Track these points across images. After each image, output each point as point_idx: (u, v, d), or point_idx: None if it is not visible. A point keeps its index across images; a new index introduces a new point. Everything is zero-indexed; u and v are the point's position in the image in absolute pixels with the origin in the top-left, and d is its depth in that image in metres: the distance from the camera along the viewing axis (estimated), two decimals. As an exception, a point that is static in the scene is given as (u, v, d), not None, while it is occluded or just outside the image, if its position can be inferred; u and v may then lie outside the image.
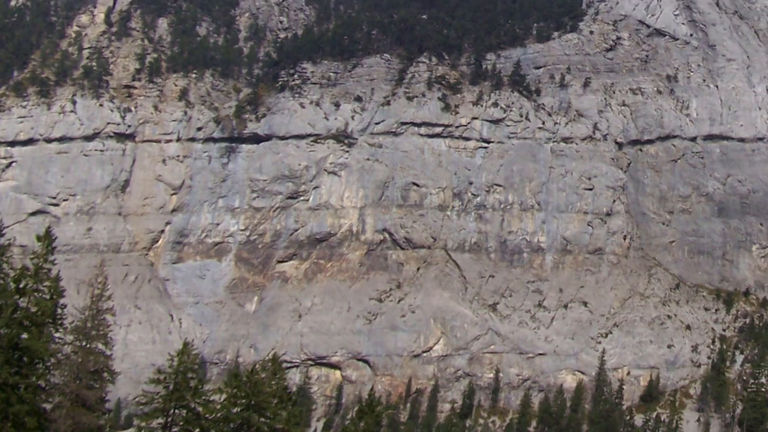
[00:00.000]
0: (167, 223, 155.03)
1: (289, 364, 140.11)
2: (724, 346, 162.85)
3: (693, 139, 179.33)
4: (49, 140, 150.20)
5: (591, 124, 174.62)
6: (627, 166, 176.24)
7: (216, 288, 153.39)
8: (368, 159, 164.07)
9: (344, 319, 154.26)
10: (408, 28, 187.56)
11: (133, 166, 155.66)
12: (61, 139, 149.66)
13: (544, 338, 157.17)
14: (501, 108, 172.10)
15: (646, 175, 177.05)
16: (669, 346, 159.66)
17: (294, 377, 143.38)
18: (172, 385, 58.96)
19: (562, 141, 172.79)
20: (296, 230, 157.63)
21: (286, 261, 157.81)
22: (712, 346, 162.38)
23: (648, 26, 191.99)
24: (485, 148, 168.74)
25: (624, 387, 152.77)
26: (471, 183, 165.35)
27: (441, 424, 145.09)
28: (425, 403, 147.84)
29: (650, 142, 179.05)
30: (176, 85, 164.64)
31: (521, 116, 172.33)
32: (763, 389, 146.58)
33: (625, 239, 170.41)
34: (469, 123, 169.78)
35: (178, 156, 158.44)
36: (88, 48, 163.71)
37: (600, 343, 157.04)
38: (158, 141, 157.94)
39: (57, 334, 53.50)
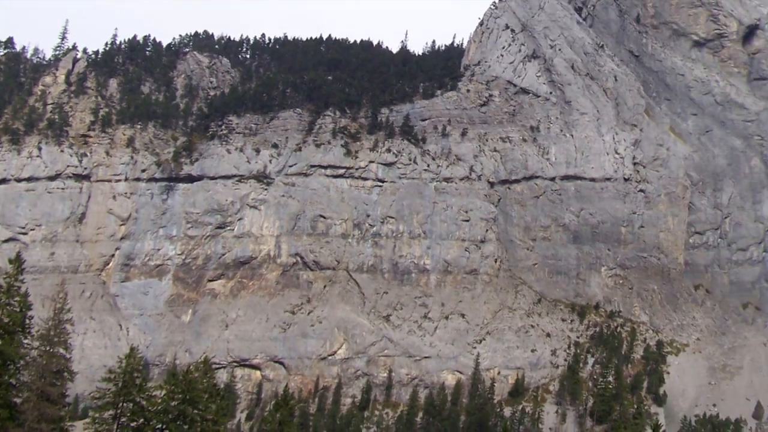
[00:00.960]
0: (117, 249, 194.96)
1: (217, 366, 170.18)
2: (578, 351, 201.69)
3: (552, 179, 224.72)
4: (18, 180, 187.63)
5: (468, 167, 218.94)
6: (497, 201, 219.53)
7: (157, 302, 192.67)
8: (283, 195, 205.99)
9: (263, 328, 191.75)
10: (316, 87, 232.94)
11: (89, 202, 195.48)
12: (29, 179, 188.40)
13: (429, 344, 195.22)
14: (393, 153, 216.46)
15: (513, 209, 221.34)
16: (532, 351, 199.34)
17: (222, 376, 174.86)
18: (120, 382, 76.01)
19: (443, 180, 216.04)
20: (223, 254, 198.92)
21: (215, 280, 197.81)
22: (568, 351, 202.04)
23: (515, 86, 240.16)
24: (380, 186, 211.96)
25: (495, 384, 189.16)
26: (368, 215, 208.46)
27: (343, 415, 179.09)
28: (330, 398, 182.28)
29: (517, 181, 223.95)
30: (124, 135, 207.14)
31: (410, 160, 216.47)
32: (610, 386, 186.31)
33: (495, 262, 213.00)
34: (366, 165, 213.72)
35: (125, 193, 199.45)
36: (51, 104, 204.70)
37: (475, 348, 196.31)
38: (109, 181, 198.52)
39: (26, 341, 67.11)
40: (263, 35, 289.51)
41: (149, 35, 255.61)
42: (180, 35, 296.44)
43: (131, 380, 78.20)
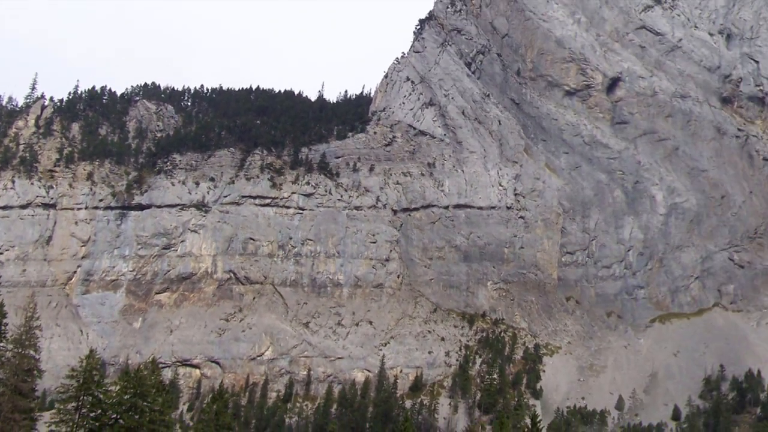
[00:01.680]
0: (78, 266, 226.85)
1: (163, 365, 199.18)
2: (468, 352, 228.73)
3: (446, 208, 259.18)
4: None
5: (374, 197, 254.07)
6: (400, 226, 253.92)
7: (112, 312, 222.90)
8: (219, 221, 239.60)
9: (202, 333, 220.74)
10: (246, 130, 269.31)
11: (55, 227, 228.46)
12: (4, 207, 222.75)
13: (342, 347, 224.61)
14: (312, 186, 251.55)
15: (413, 232, 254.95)
16: (429, 352, 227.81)
17: (167, 374, 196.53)
18: (81, 379, 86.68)
19: (354, 209, 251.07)
20: (168, 271, 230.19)
21: (161, 292, 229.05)
22: (459, 352, 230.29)
23: (414, 128, 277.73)
24: (300, 213, 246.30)
25: (398, 381, 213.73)
26: (291, 238, 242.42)
27: (269, 406, 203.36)
28: (259, 392, 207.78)
29: (416, 209, 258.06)
30: (85, 170, 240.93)
31: (326, 191, 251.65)
32: (495, 382, 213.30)
33: (398, 277, 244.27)
34: (289, 196, 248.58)
35: (86, 219, 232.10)
36: (23, 144, 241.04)
37: (381, 350, 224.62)
38: (72, 209, 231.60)
39: (1, 344, 79.89)
40: (202, 86, 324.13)
41: (106, 86, 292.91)
42: (132, 86, 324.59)
43: (90, 377, 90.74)
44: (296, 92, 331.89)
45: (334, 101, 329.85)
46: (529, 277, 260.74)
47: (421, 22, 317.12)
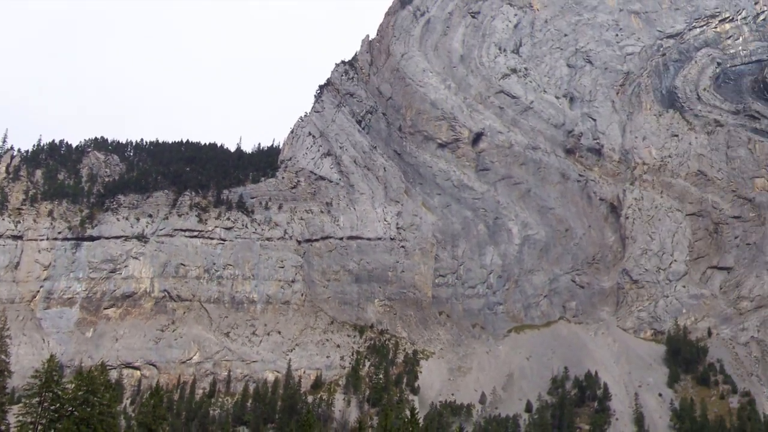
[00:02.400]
0: (41, 287, 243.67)
1: (110, 367, 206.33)
2: (359, 357, 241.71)
3: (341, 239, 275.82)
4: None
5: (282, 230, 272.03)
6: (303, 254, 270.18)
7: (69, 324, 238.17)
8: (155, 250, 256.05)
9: (142, 341, 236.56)
10: (178, 176, 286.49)
11: (22, 254, 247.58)
12: None
13: (256, 352, 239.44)
14: (231, 221, 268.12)
15: (314, 259, 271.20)
16: (327, 357, 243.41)
17: (113, 375, 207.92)
18: (43, 379, 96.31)
19: (266, 240, 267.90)
20: (114, 290, 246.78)
21: (109, 308, 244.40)
22: (351, 357, 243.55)
23: (315, 174, 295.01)
24: (222, 243, 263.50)
25: (302, 380, 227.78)
26: (214, 263, 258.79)
27: (197, 401, 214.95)
28: (188, 389, 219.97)
29: (316, 240, 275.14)
30: (46, 208, 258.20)
31: (243, 225, 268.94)
32: (381, 381, 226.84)
33: (302, 296, 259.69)
34: (213, 229, 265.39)
35: (47, 248, 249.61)
36: None
37: (288, 355, 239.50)
38: (36, 240, 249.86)
39: None
40: (141, 139, 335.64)
41: (63, 139, 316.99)
42: (84, 139, 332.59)
43: (51, 378, 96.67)
44: (218, 144, 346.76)
45: (250, 152, 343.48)
46: (409, 296, 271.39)
47: (321, 87, 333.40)
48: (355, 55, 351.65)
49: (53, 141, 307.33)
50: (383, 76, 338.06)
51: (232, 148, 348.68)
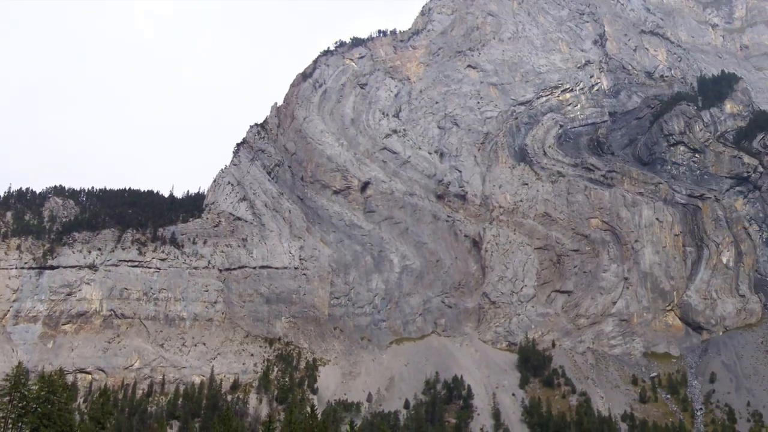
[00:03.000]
0: (10, 307, 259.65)
1: (67, 372, 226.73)
2: (269, 364, 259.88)
3: (254, 268, 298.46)
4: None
5: (207, 261, 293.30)
6: (224, 280, 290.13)
7: (34, 337, 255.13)
8: (104, 277, 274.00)
9: (93, 351, 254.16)
10: (123, 216, 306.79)
11: None
12: None
13: (185, 360, 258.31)
14: (165, 253, 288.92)
15: (233, 284, 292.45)
16: (243, 364, 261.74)
17: (69, 378, 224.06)
18: (12, 382, 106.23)
19: (193, 269, 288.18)
20: (71, 310, 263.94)
21: (66, 324, 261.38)
22: (263, 364, 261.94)
23: (233, 215, 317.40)
24: (158, 272, 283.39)
25: (222, 383, 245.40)
26: (152, 288, 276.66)
27: (138, 399, 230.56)
28: (131, 390, 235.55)
29: (235, 269, 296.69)
30: (15, 243, 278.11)
31: (175, 257, 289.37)
32: (287, 383, 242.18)
33: (222, 314, 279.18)
34: (150, 260, 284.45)
35: (16, 276, 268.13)
36: None
37: (211, 362, 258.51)
38: (7, 269, 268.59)
39: None
40: (92, 186, 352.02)
41: (29, 187, 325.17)
42: (46, 187, 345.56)
43: (19, 381, 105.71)
44: (155, 191, 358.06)
45: (180, 197, 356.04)
46: (309, 314, 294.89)
47: (238, 144, 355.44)
48: (266, 118, 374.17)
49: (20, 188, 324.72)
50: (289, 136, 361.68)
51: (166, 194, 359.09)
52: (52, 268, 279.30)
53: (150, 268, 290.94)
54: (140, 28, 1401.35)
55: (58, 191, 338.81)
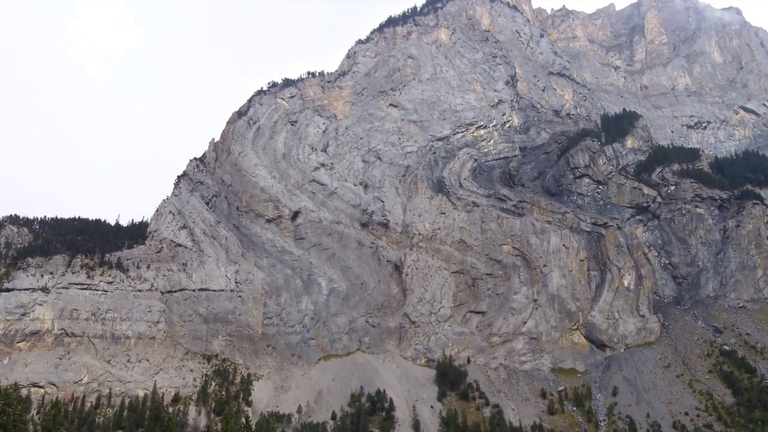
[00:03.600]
0: None
1: (21, 386, 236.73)
2: (207, 379, 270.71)
3: (194, 290, 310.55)
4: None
5: (150, 284, 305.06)
6: (166, 302, 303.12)
7: None
8: (55, 299, 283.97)
9: (45, 366, 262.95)
10: (72, 243, 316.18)
11: None
12: None
13: (130, 375, 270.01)
14: (112, 277, 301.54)
15: (174, 305, 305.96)
16: (183, 378, 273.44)
17: (24, 392, 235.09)
18: None
19: (138, 291, 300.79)
20: (25, 329, 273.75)
21: (21, 342, 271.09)
22: (202, 378, 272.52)
23: (175, 242, 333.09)
24: (105, 293, 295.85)
25: (165, 396, 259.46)
26: (99, 309, 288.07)
27: (86, 411, 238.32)
28: (80, 403, 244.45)
29: (176, 291, 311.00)
30: None
31: (121, 281, 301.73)
32: (223, 396, 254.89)
33: (164, 333, 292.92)
34: (98, 283, 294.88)
35: None
36: None
37: (154, 377, 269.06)
38: None
39: None
40: (45, 215, 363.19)
41: None
42: (2, 216, 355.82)
43: None
44: (102, 219, 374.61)
45: (126, 225, 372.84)
46: (244, 333, 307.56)
47: (179, 177, 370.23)
48: (205, 153, 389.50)
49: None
50: (225, 169, 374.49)
51: (113, 223, 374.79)
52: (7, 290, 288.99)
53: (98, 290, 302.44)
54: (92, 76, 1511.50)
55: (13, 220, 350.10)
